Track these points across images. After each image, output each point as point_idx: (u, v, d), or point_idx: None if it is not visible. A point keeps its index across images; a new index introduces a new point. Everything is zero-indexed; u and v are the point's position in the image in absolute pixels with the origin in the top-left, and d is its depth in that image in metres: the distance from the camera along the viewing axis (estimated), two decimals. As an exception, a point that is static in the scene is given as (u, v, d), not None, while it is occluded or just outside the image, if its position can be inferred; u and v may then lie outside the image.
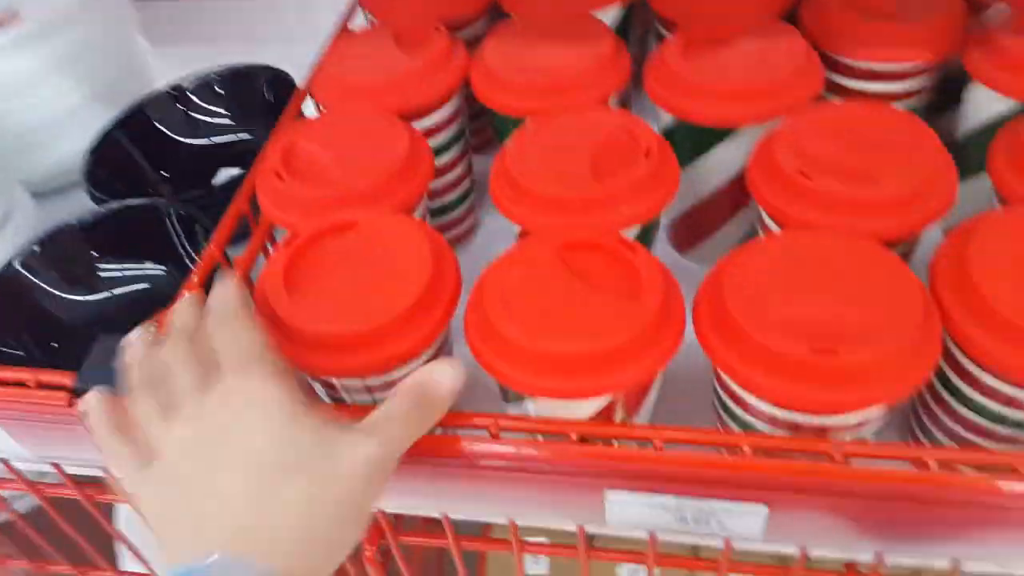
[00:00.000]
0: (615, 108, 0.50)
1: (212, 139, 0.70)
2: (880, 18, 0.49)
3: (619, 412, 0.36)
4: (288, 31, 0.75)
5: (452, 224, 0.56)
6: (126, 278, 0.56)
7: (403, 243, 0.39)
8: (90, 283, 0.56)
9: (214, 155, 0.69)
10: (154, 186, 0.66)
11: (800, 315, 0.33)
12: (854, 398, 0.32)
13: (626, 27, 0.59)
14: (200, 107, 0.70)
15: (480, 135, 0.64)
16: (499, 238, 0.44)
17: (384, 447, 0.32)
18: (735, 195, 0.48)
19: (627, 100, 0.56)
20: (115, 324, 0.41)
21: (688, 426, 0.34)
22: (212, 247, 0.45)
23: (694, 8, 0.52)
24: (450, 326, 0.39)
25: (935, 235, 0.42)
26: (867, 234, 0.37)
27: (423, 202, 0.47)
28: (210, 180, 0.67)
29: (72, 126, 0.66)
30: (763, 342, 0.32)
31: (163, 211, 0.55)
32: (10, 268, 0.53)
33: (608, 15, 0.56)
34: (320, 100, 0.53)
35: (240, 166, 0.66)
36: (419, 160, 0.45)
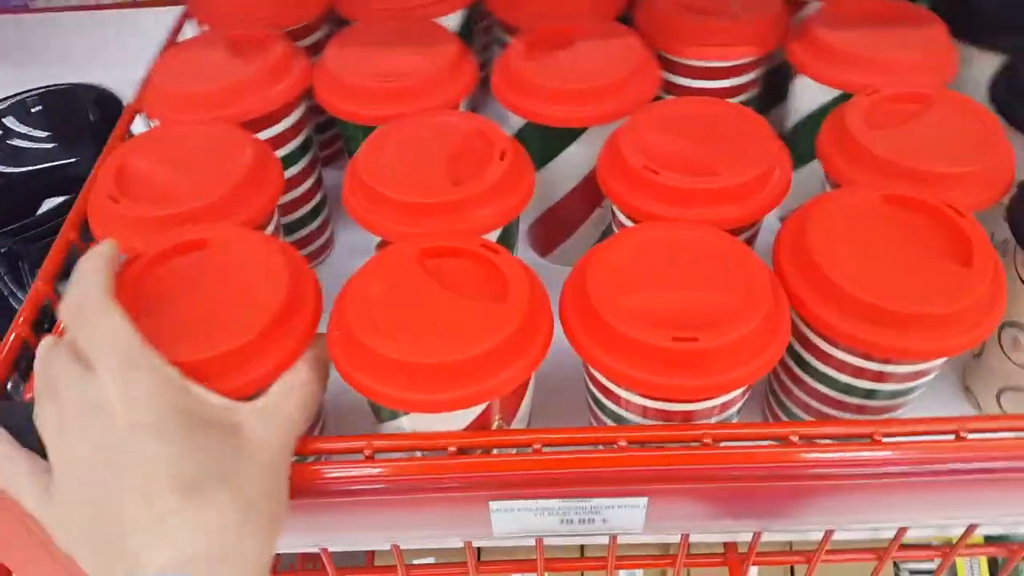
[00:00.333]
0: (466, 112, 0.50)
1: (32, 167, 0.64)
2: (708, 16, 0.51)
3: (496, 419, 0.36)
4: (113, 53, 0.69)
5: (307, 240, 0.54)
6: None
7: (255, 260, 0.36)
8: None
9: (36, 184, 0.63)
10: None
11: (660, 305, 0.34)
12: (718, 382, 0.33)
13: (468, 32, 0.59)
14: (16, 132, 0.64)
15: (328, 147, 0.62)
16: (357, 252, 0.43)
17: (285, 430, 0.32)
18: (589, 194, 0.49)
19: (476, 105, 0.56)
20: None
21: (565, 427, 0.34)
22: (39, 283, 0.40)
23: (534, 12, 0.53)
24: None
25: (772, 221, 0.44)
26: (713, 223, 0.38)
27: (275, 217, 0.45)
28: (33, 211, 0.61)
29: None
30: (627, 334, 0.33)
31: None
32: None
33: (450, 20, 0.56)
34: (152, 115, 0.50)
35: (66, 193, 0.61)
36: (266, 170, 0.43)
